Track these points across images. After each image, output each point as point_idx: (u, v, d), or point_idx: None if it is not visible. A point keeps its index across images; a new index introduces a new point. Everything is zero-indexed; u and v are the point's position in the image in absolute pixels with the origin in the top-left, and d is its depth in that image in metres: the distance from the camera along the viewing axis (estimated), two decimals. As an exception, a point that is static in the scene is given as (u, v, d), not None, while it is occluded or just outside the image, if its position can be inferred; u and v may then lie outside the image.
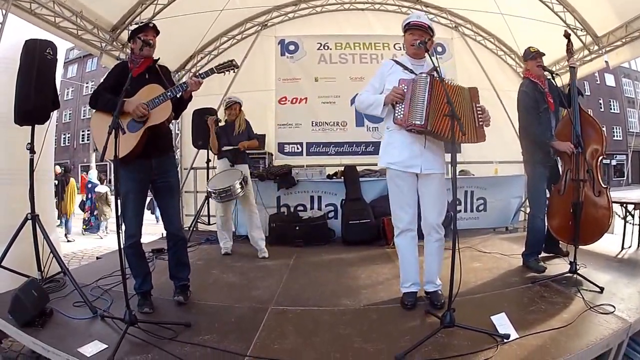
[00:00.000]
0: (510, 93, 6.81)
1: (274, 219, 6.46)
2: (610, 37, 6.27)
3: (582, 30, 6.51)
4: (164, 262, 3.97)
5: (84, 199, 11.88)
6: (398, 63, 3.36)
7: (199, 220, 6.63)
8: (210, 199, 6.53)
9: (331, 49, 8.29)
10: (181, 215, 4.59)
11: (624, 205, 5.03)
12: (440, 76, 3.01)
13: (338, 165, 7.57)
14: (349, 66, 8.22)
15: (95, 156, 29.18)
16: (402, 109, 3.12)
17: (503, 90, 7.82)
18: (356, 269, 4.72)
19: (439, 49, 7.94)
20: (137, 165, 3.27)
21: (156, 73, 3.43)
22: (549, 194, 4.27)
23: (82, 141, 35.80)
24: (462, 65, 8.13)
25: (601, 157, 4.05)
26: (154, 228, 7.45)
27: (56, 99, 3.93)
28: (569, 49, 4.21)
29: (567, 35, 4.24)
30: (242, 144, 5.36)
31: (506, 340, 2.63)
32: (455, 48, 8.29)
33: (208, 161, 6.50)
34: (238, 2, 7.05)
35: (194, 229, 6.54)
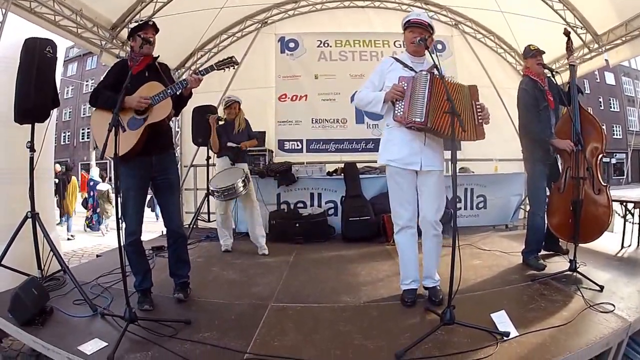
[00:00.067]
0: (510, 91, 6.80)
1: (274, 216, 6.47)
2: (610, 36, 6.25)
3: (582, 28, 6.48)
4: (164, 260, 3.98)
5: (86, 197, 11.90)
6: (398, 60, 3.36)
7: (199, 217, 6.62)
8: (210, 197, 6.53)
9: (331, 47, 8.27)
10: (181, 212, 4.59)
11: (624, 203, 5.02)
12: (440, 73, 3.01)
13: (338, 162, 7.56)
14: (349, 63, 8.20)
15: (95, 154, 29.16)
16: (402, 106, 3.12)
17: (503, 87, 7.81)
18: (356, 266, 4.72)
19: (439, 47, 7.92)
20: (138, 162, 3.27)
21: (156, 71, 3.43)
22: (549, 192, 4.27)
23: (82, 139, 35.75)
24: (462, 62, 8.12)
25: (601, 155, 4.04)
26: (154, 226, 7.45)
27: (56, 97, 3.92)
28: (569, 47, 4.21)
29: (567, 33, 4.23)
30: (244, 144, 5.39)
31: (506, 338, 2.63)
32: (455, 46, 8.27)
33: (208, 158, 6.49)
34: (237, 0, 7.00)
35: (194, 227, 6.53)
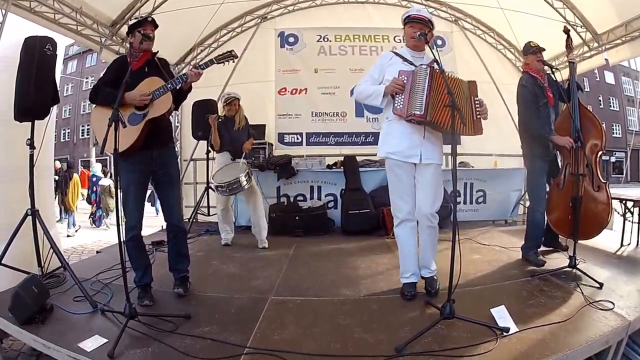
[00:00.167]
0: (509, 87, 6.79)
1: (274, 209, 6.47)
2: (610, 35, 6.24)
3: (582, 27, 6.47)
4: (164, 255, 3.97)
5: (89, 193, 11.99)
6: (398, 55, 3.36)
7: (199, 211, 6.63)
8: (209, 191, 6.54)
9: (331, 41, 8.26)
10: (181, 206, 4.60)
11: (623, 202, 5.01)
12: (440, 68, 3.01)
13: (338, 155, 7.60)
14: (349, 58, 8.20)
15: (95, 150, 29.18)
16: (402, 100, 3.13)
17: (502, 83, 7.80)
18: (356, 259, 4.73)
19: (439, 42, 7.90)
20: (138, 157, 3.27)
21: (155, 66, 3.42)
22: (549, 188, 4.27)
23: (82, 136, 35.73)
24: (462, 58, 8.11)
25: (600, 152, 4.03)
26: (154, 220, 7.45)
27: (56, 95, 3.91)
28: (568, 45, 4.20)
29: (567, 30, 4.22)
30: (247, 148, 5.43)
31: (506, 333, 2.63)
32: (455, 41, 8.26)
33: (208, 152, 6.48)
34: (237, -4, 7.01)
35: (194, 220, 6.54)
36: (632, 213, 4.98)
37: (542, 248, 4.49)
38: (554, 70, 3.96)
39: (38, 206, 3.76)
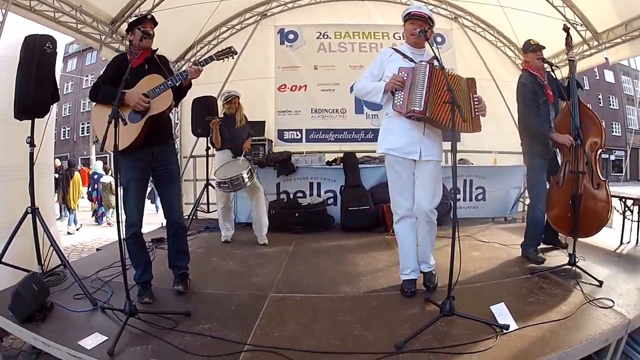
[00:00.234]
0: (509, 84, 6.77)
1: (274, 206, 6.46)
2: (610, 34, 6.24)
3: (582, 25, 6.47)
4: (164, 252, 3.97)
5: (90, 190, 12.02)
6: (397, 51, 3.37)
7: (199, 208, 6.63)
8: (209, 187, 6.54)
9: (330, 38, 8.24)
10: (181, 203, 4.60)
11: (623, 200, 5.01)
12: (440, 64, 3.01)
13: (337, 152, 7.59)
14: (349, 54, 8.17)
15: (95, 148, 29.18)
16: (402, 96, 3.13)
17: (502, 81, 7.79)
18: (355, 256, 4.74)
19: (439, 39, 7.87)
20: (139, 154, 3.27)
21: (155, 63, 3.43)
22: (548, 186, 4.26)
23: (82, 134, 35.77)
24: (462, 55, 8.09)
25: (600, 150, 4.03)
26: (154, 218, 7.45)
27: (56, 93, 3.90)
28: (568, 43, 4.18)
29: (566, 29, 4.21)
30: (247, 147, 5.45)
31: (505, 330, 2.64)
32: (454, 39, 8.24)
33: (207, 149, 6.49)
34: (236, -7, 7.00)
35: (194, 217, 6.54)
36: (632, 211, 4.98)
37: (542, 245, 4.49)
38: (554, 68, 3.96)
39: (38, 204, 3.75)
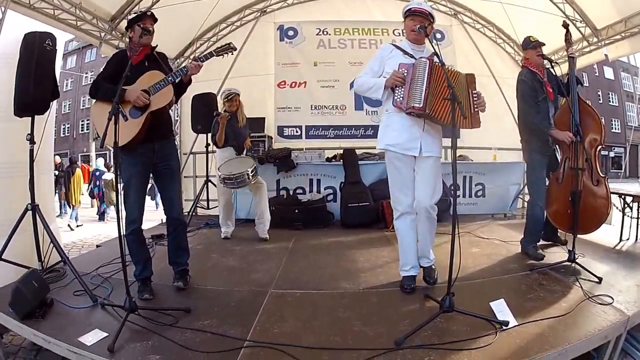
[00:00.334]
0: (508, 80, 6.79)
1: (274, 202, 6.42)
2: (609, 31, 6.24)
3: (581, 22, 6.47)
4: (163, 248, 3.98)
5: (92, 187, 12.00)
6: (398, 47, 3.36)
7: (198, 204, 6.63)
8: (209, 184, 6.55)
9: (330, 35, 8.23)
10: (181, 199, 4.61)
11: (623, 197, 5.01)
12: (441, 61, 3.00)
13: (337, 148, 7.57)
14: (348, 51, 8.17)
15: (95, 145, 29.19)
16: (402, 92, 3.13)
17: (502, 77, 7.80)
18: (355, 252, 4.74)
19: (438, 36, 7.83)
20: (140, 150, 3.28)
21: (155, 60, 3.43)
22: (548, 182, 4.26)
23: (82, 131, 35.85)
24: (461, 52, 8.10)
25: (600, 147, 4.02)
26: (154, 214, 7.45)
27: (56, 90, 3.90)
28: (568, 39, 4.17)
29: (566, 25, 4.20)
30: (248, 144, 5.58)
31: (505, 327, 2.64)
32: (454, 35, 8.24)
33: (207, 145, 6.49)
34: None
35: (194, 214, 6.54)
36: (631, 208, 4.97)
37: (541, 242, 4.48)
38: (554, 64, 3.95)
39: (38, 201, 3.76)
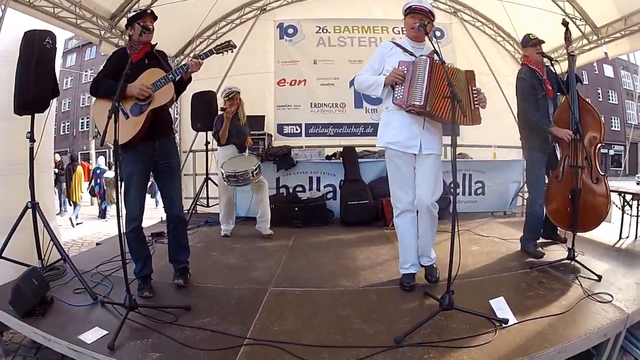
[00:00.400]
0: (508, 78, 6.76)
1: (274, 200, 6.40)
2: (609, 29, 6.23)
3: (581, 20, 6.46)
4: (164, 246, 3.98)
5: (92, 185, 12.03)
6: (398, 45, 3.36)
7: (198, 202, 6.63)
8: (209, 182, 6.55)
9: (330, 32, 8.23)
10: (181, 197, 4.62)
11: (622, 195, 5.01)
12: (441, 59, 3.01)
13: (337, 146, 7.57)
14: (348, 49, 8.18)
15: (95, 142, 29.20)
16: (402, 90, 3.13)
17: (501, 75, 7.79)
18: (355, 250, 4.75)
19: (438, 34, 7.84)
20: (141, 147, 3.28)
21: (155, 58, 3.43)
22: (547, 180, 4.26)
23: (82, 129, 35.82)
24: (461, 50, 8.10)
25: (599, 145, 4.03)
26: (154, 212, 7.45)
27: (55, 88, 3.90)
28: (567, 37, 4.17)
29: (565, 23, 4.20)
30: (249, 142, 5.61)
31: (504, 324, 2.64)
32: (454, 33, 8.24)
33: (207, 143, 6.49)
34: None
35: (194, 212, 6.54)
36: (631, 206, 4.97)
37: (541, 240, 4.49)
38: (553, 62, 3.94)
39: (38, 199, 3.76)
